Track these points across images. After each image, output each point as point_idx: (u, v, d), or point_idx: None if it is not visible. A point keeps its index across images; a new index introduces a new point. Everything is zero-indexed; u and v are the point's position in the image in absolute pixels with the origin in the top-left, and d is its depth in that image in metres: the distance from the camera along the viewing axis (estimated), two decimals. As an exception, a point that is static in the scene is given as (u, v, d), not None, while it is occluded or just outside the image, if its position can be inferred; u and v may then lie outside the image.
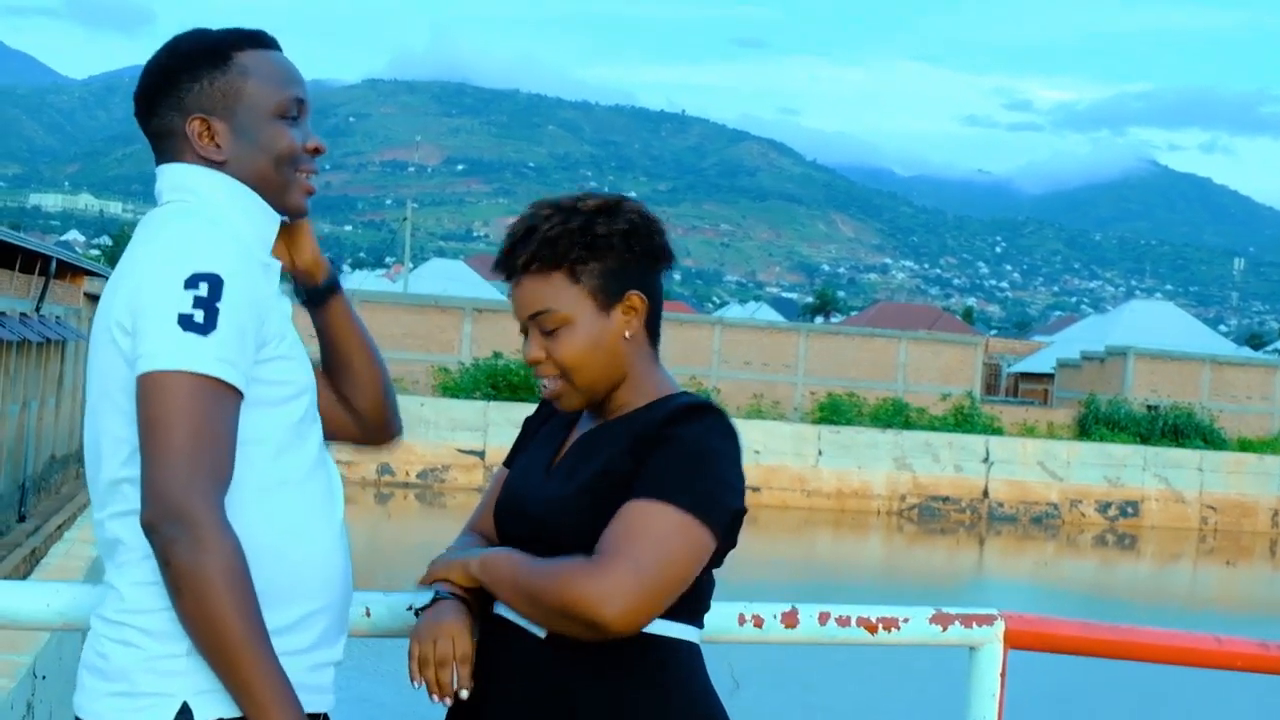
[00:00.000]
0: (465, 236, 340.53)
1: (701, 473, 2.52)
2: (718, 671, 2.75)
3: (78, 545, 12.44)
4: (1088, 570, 38.29)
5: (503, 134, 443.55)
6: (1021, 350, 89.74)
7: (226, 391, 2.33)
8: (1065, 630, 3.31)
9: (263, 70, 2.58)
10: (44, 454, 30.01)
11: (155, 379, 2.31)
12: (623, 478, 2.55)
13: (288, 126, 2.59)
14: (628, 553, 2.44)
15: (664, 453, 2.53)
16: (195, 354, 2.30)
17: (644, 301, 2.69)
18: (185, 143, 2.55)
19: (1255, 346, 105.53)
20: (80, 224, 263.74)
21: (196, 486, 2.27)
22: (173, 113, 2.56)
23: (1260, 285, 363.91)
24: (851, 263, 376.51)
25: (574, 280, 2.64)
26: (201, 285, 2.33)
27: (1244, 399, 55.03)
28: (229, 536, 2.29)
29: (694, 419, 2.57)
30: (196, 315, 2.31)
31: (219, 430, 2.32)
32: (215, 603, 2.27)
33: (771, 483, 43.26)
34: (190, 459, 2.28)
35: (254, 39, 2.62)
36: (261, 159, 2.56)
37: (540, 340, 2.69)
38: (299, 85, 2.63)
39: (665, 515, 2.47)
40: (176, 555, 2.26)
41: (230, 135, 2.55)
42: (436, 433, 41.89)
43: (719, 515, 2.53)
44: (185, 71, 2.55)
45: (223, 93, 2.55)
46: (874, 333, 57.12)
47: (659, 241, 2.72)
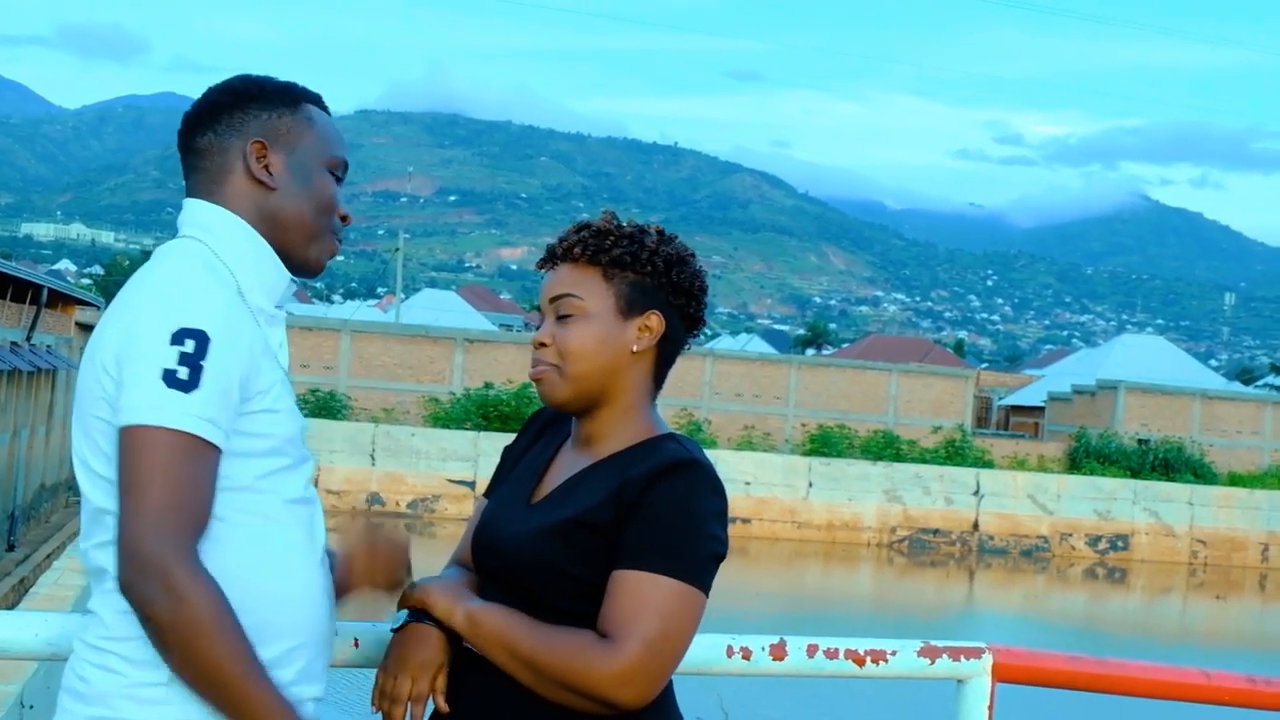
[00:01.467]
0: (457, 267, 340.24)
1: (689, 537, 2.55)
2: (706, 703, 2.76)
3: (67, 574, 12.42)
4: (1077, 603, 38.27)
5: (495, 165, 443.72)
6: (1012, 383, 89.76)
7: (206, 449, 2.35)
8: (1053, 664, 3.32)
9: (323, 125, 2.69)
10: (34, 483, 29.96)
11: (136, 434, 2.32)
12: (599, 529, 2.58)
13: (333, 182, 2.66)
14: (638, 632, 2.49)
15: (652, 520, 2.55)
16: (177, 411, 2.32)
17: (661, 324, 2.73)
18: (236, 163, 2.60)
19: (1246, 381, 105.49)
20: (72, 253, 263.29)
21: (169, 540, 2.28)
22: (233, 133, 2.61)
23: (1251, 320, 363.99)
24: (843, 295, 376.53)
25: (606, 279, 2.71)
26: (188, 341, 2.34)
27: (1234, 433, 55.10)
28: (205, 581, 2.30)
29: (677, 477, 2.58)
30: (180, 372, 2.33)
31: (196, 486, 2.33)
32: (204, 650, 2.29)
33: (762, 514, 43.26)
34: (164, 515, 2.29)
35: (318, 99, 2.72)
36: (306, 202, 2.62)
37: (552, 325, 2.72)
38: (345, 150, 2.71)
39: (665, 589, 2.51)
40: (155, 611, 2.28)
41: (285, 169, 2.61)
42: (427, 463, 41.87)
43: (708, 577, 2.58)
44: (257, 100, 2.63)
45: (289, 129, 2.63)
46: (865, 365, 57.17)
47: (697, 285, 2.78)
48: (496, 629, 2.57)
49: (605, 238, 2.72)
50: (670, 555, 2.52)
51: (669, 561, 2.52)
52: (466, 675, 2.66)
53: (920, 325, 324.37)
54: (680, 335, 2.78)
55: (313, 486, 2.64)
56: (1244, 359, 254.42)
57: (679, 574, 2.52)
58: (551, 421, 2.90)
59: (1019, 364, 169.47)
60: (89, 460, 2.44)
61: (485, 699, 2.63)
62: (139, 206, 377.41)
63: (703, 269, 2.80)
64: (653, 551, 2.52)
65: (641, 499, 2.56)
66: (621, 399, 2.72)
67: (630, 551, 2.54)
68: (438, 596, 2.67)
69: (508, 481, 2.86)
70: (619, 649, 2.48)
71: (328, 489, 40.28)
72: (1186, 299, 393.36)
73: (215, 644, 2.29)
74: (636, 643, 2.48)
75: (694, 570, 2.54)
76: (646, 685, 2.50)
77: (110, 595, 2.41)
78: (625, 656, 2.47)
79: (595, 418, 2.74)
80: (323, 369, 47.49)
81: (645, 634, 2.48)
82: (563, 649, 2.50)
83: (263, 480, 2.48)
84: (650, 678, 2.49)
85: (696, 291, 2.77)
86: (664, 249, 2.74)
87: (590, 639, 2.50)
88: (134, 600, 2.30)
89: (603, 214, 2.80)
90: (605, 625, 2.51)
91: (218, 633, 2.29)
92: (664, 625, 2.50)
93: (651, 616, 2.49)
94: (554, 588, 2.58)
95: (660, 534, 2.54)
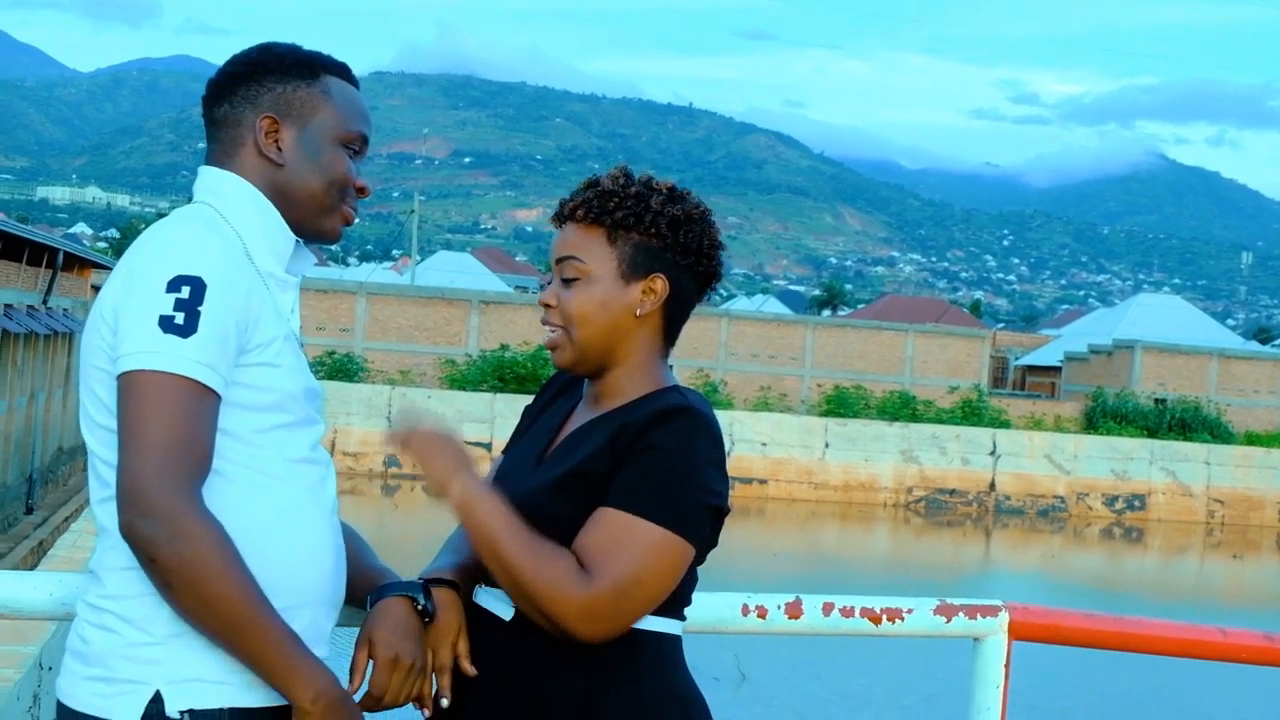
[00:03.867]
0: (472, 229, 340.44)
1: (680, 483, 2.52)
2: (723, 662, 2.75)
3: (84, 537, 12.45)
4: (1094, 563, 38.26)
5: (510, 127, 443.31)
6: (1029, 343, 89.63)
7: (204, 393, 2.33)
8: (1069, 622, 3.31)
9: (342, 98, 2.65)
10: (51, 446, 30.05)
11: (133, 379, 2.32)
12: (599, 478, 2.56)
13: (347, 157, 2.64)
14: (610, 571, 2.47)
15: (642, 462, 2.53)
16: (174, 355, 2.31)
17: (666, 287, 2.70)
18: (249, 136, 2.59)
19: (1263, 340, 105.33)
20: (87, 217, 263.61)
21: (169, 481, 2.27)
22: (247, 105, 2.60)
23: (1268, 279, 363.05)
24: (859, 255, 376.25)
25: (610, 241, 2.68)
26: (184, 288, 2.34)
27: (1251, 393, 54.95)
28: (207, 520, 2.29)
29: (673, 423, 2.56)
30: (177, 317, 2.32)
31: (195, 429, 2.32)
32: (210, 591, 2.28)
33: (778, 475, 43.28)
34: (164, 457, 2.28)
35: (342, 70, 2.70)
36: (316, 177, 2.60)
37: (556, 287, 2.72)
38: (367, 124, 2.69)
39: (646, 532, 2.49)
40: (159, 553, 2.27)
41: (295, 144, 2.60)
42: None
43: (697, 527, 2.54)
44: (274, 72, 2.61)
45: (302, 102, 2.61)
46: (881, 326, 57.04)
47: (707, 243, 2.74)
48: (485, 521, 2.55)
49: (609, 199, 2.69)
50: (657, 499, 2.50)
51: (655, 506, 2.50)
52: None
53: (936, 285, 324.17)
54: (690, 295, 2.75)
55: (322, 449, 2.62)
56: (1261, 318, 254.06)
57: (664, 520, 2.49)
58: (571, 383, 2.89)
59: (1035, 324, 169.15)
60: (91, 412, 2.44)
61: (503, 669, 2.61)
62: (154, 169, 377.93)
63: (714, 225, 2.77)
64: (640, 493, 2.51)
65: (636, 443, 2.55)
66: (629, 360, 2.71)
67: (618, 490, 2.52)
68: (437, 458, 2.65)
69: (522, 441, 2.86)
70: (589, 583, 2.46)
71: (344, 450, 40.35)
72: (1203, 258, 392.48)
73: (221, 583, 2.28)
74: (608, 581, 2.46)
75: (680, 518, 2.51)
76: (607, 624, 2.48)
77: (109, 553, 2.41)
78: (593, 591, 2.46)
79: (605, 378, 2.73)
80: (339, 331, 47.50)
81: (618, 574, 2.47)
82: (539, 565, 2.48)
83: (263, 435, 2.47)
84: (613, 618, 2.48)
85: (707, 249, 2.73)
86: (670, 209, 2.69)
87: (568, 565, 2.48)
88: (136, 544, 2.28)
89: (613, 170, 2.77)
90: (582, 556, 2.50)
91: (224, 572, 2.28)
92: (639, 570, 2.48)
93: (628, 558, 2.47)
94: (558, 542, 2.54)
95: (649, 476, 2.52)
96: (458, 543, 2.78)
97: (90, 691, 2.38)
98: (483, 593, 2.67)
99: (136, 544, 2.29)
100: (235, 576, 2.29)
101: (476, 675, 2.60)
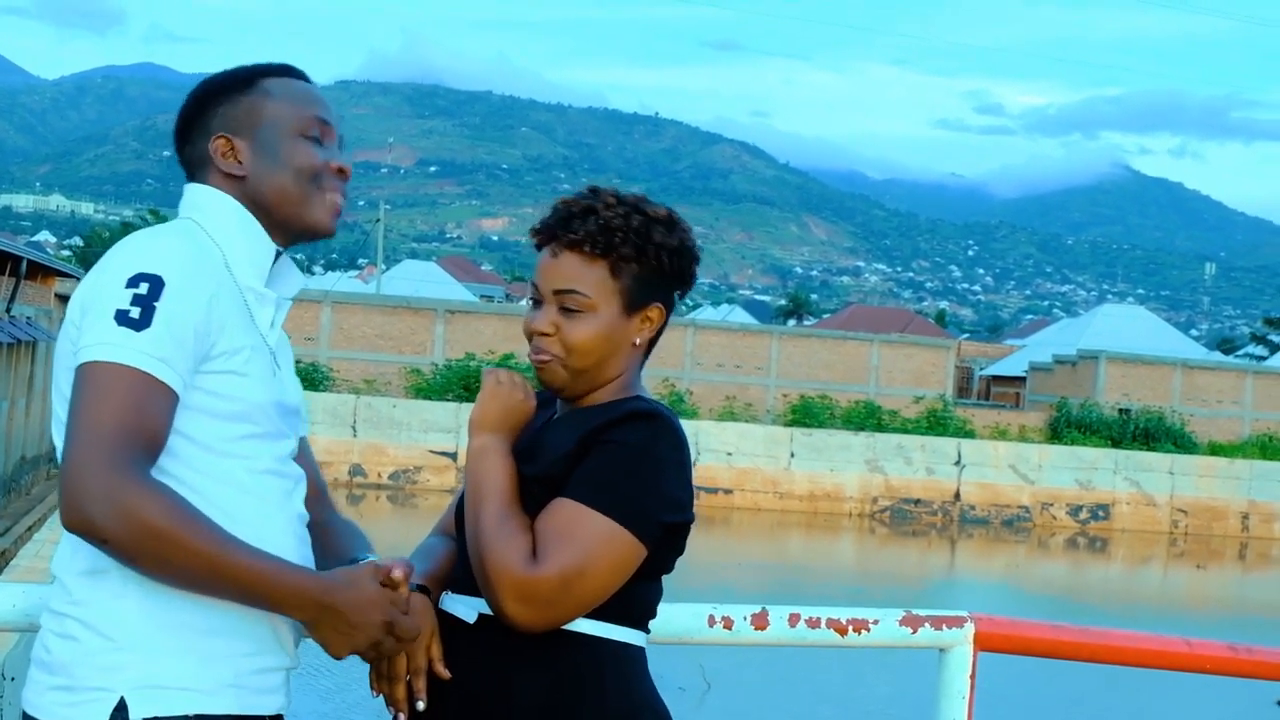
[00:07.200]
0: (438, 238, 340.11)
1: (637, 482, 2.53)
2: (689, 673, 2.75)
3: (47, 547, 12.40)
4: (1059, 573, 38.38)
5: (476, 136, 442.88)
6: (994, 354, 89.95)
7: (157, 385, 2.34)
8: (1035, 633, 3.32)
9: (285, 93, 2.67)
10: (14, 455, 29.86)
11: (85, 370, 2.33)
12: (562, 482, 2.57)
13: (310, 145, 2.64)
14: (556, 557, 2.48)
15: (602, 456, 2.55)
16: (125, 348, 2.32)
17: (662, 315, 2.74)
18: (210, 163, 2.62)
19: (1226, 351, 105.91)
20: (51, 225, 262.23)
21: (108, 463, 2.25)
22: (201, 136, 2.64)
23: (1231, 290, 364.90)
24: (824, 265, 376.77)
25: (614, 275, 2.68)
26: (142, 284, 2.37)
27: (1215, 403, 55.24)
28: (150, 486, 2.28)
29: (638, 424, 2.58)
30: (133, 311, 2.34)
31: (145, 415, 2.32)
32: (166, 550, 2.27)
33: (744, 485, 43.32)
34: (103, 442, 2.26)
35: (281, 69, 2.71)
36: (281, 174, 2.61)
37: (555, 315, 2.70)
38: (321, 107, 2.69)
39: (597, 525, 2.50)
40: (108, 534, 2.25)
41: (251, 153, 2.61)
42: (408, 434, 41.84)
43: (649, 528, 2.54)
44: (215, 96, 2.65)
45: (246, 112, 2.63)
46: (846, 336, 57.17)
47: (691, 269, 2.78)
48: (485, 476, 2.61)
49: (614, 234, 2.67)
50: (612, 495, 2.51)
51: (610, 502, 2.50)
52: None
53: (901, 295, 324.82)
54: (671, 312, 2.80)
55: (293, 464, 2.62)
56: (1224, 329, 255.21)
57: (617, 516, 2.50)
58: (551, 398, 2.89)
59: (1000, 334, 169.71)
60: (59, 413, 2.43)
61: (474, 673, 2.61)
62: (118, 178, 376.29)
63: (698, 247, 2.79)
64: (597, 487, 2.52)
65: (597, 437, 2.57)
66: (616, 380, 2.73)
67: (575, 481, 2.54)
68: (481, 427, 2.69)
69: None
70: (535, 568, 2.47)
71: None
72: (1167, 269, 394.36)
73: (179, 541, 2.27)
74: (553, 568, 2.47)
75: (634, 516, 2.51)
76: (544, 611, 2.48)
77: (69, 558, 2.42)
78: (534, 574, 2.47)
79: (588, 395, 2.74)
80: (303, 340, 47.34)
81: (563, 562, 2.47)
82: (499, 534, 2.52)
83: (229, 445, 2.46)
84: (550, 609, 2.48)
85: (690, 274, 2.78)
86: (669, 240, 2.71)
87: (522, 545, 2.50)
88: (82, 531, 2.27)
89: (591, 189, 2.77)
90: (535, 542, 2.51)
91: (177, 528, 2.27)
92: (585, 563, 2.48)
93: (576, 549, 2.48)
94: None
95: (607, 471, 2.53)
96: (427, 550, 2.79)
97: (54, 701, 2.37)
98: (449, 598, 2.67)
99: (82, 531, 2.27)
100: (190, 528, 2.28)
101: (445, 684, 2.61)
